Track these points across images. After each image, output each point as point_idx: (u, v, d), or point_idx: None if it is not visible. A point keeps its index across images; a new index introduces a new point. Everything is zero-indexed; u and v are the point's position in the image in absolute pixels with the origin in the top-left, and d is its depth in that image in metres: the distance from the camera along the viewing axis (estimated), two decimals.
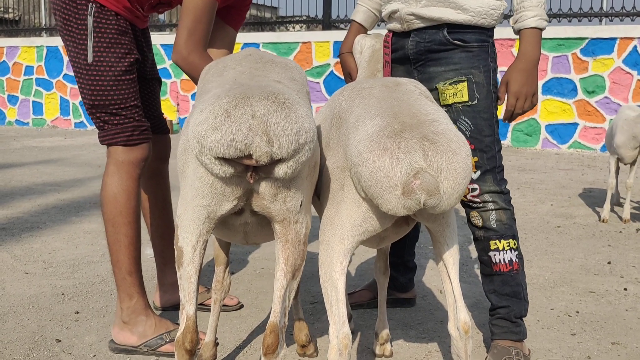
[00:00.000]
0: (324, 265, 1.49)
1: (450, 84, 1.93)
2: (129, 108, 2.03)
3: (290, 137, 1.26)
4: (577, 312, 2.47)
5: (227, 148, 1.23)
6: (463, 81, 1.92)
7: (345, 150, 1.48)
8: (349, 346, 1.42)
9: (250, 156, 1.25)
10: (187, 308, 1.45)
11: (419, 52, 1.99)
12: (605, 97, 7.39)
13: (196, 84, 2.03)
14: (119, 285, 2.08)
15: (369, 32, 2.29)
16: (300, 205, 1.43)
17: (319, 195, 1.63)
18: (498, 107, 1.99)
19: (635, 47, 7.24)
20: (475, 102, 1.92)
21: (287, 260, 1.45)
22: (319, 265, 1.52)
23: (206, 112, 1.27)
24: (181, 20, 1.97)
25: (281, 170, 1.30)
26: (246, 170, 1.30)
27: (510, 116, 1.94)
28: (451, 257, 1.56)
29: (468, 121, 1.92)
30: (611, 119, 7.33)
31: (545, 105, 7.63)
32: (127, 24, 2.04)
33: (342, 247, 1.46)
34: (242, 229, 1.54)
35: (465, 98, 1.92)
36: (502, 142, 7.89)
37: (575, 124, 7.53)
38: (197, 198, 1.37)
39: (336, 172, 1.51)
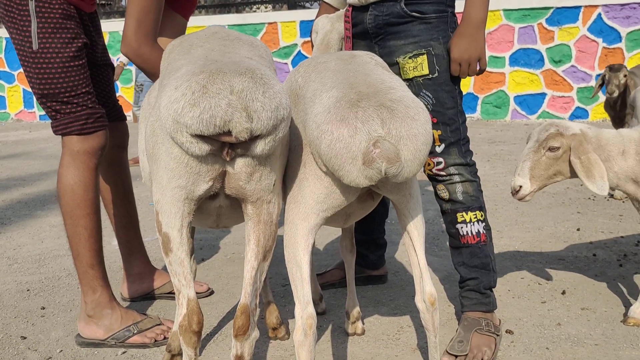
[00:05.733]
0: (289, 245, 1.46)
1: (410, 58, 1.90)
2: (80, 95, 1.95)
3: (269, 112, 1.24)
4: (547, 280, 2.49)
5: (206, 125, 1.20)
6: (422, 54, 1.89)
7: (304, 127, 1.44)
8: (314, 326, 1.40)
9: (229, 133, 1.22)
10: (186, 291, 1.41)
11: (378, 26, 1.95)
12: (572, 66, 7.44)
13: (148, 75, 1.97)
14: (82, 279, 2.03)
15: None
16: (274, 185, 1.41)
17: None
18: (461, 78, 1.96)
19: (599, 14, 7.29)
20: (436, 74, 1.89)
21: (258, 241, 1.43)
22: (284, 245, 1.49)
23: (182, 88, 1.22)
24: (128, 10, 1.88)
25: (259, 147, 1.27)
26: (222, 148, 1.27)
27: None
28: (416, 230, 1.54)
29: (429, 94, 1.89)
30: (579, 88, 7.41)
31: (513, 77, 7.67)
32: (71, 8, 1.95)
33: (307, 225, 1.44)
34: (215, 213, 1.51)
35: (426, 71, 1.89)
36: (472, 115, 7.93)
37: (544, 94, 7.58)
38: (173, 179, 1.33)
39: (297, 149, 1.48)
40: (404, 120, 1.30)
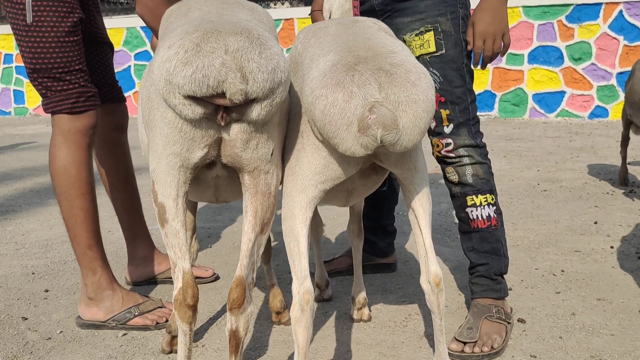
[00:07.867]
0: (286, 218, 1.41)
1: (416, 35, 1.84)
2: (73, 72, 1.90)
3: (266, 74, 1.18)
4: (562, 271, 2.40)
5: (199, 85, 1.15)
6: (429, 31, 1.82)
7: (302, 94, 1.39)
8: (311, 301, 1.35)
9: (222, 94, 1.17)
10: (181, 264, 1.37)
11: (385, 3, 1.89)
12: (592, 64, 7.30)
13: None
14: (81, 261, 1.99)
15: None
16: (271, 154, 1.36)
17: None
18: (471, 55, 1.89)
19: (620, 11, 7.14)
20: (443, 51, 1.82)
21: (255, 212, 1.38)
22: (282, 218, 1.44)
23: (175, 47, 1.18)
24: None
25: (254, 112, 1.22)
26: (217, 112, 1.22)
27: (481, 61, 1.84)
28: (421, 206, 1.47)
29: (437, 72, 1.83)
30: (599, 86, 7.27)
31: (532, 74, 7.54)
32: None
33: (304, 197, 1.38)
34: (213, 184, 1.47)
35: (433, 49, 1.83)
36: (490, 113, 7.80)
37: (563, 92, 7.45)
38: (168, 146, 1.28)
39: (295, 118, 1.42)
40: (404, 85, 1.23)
